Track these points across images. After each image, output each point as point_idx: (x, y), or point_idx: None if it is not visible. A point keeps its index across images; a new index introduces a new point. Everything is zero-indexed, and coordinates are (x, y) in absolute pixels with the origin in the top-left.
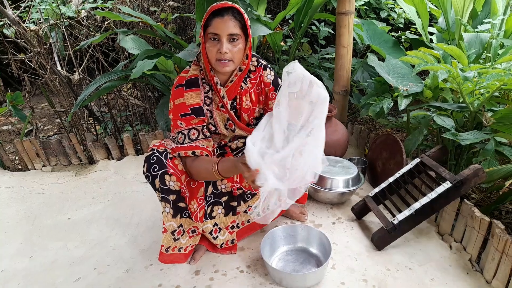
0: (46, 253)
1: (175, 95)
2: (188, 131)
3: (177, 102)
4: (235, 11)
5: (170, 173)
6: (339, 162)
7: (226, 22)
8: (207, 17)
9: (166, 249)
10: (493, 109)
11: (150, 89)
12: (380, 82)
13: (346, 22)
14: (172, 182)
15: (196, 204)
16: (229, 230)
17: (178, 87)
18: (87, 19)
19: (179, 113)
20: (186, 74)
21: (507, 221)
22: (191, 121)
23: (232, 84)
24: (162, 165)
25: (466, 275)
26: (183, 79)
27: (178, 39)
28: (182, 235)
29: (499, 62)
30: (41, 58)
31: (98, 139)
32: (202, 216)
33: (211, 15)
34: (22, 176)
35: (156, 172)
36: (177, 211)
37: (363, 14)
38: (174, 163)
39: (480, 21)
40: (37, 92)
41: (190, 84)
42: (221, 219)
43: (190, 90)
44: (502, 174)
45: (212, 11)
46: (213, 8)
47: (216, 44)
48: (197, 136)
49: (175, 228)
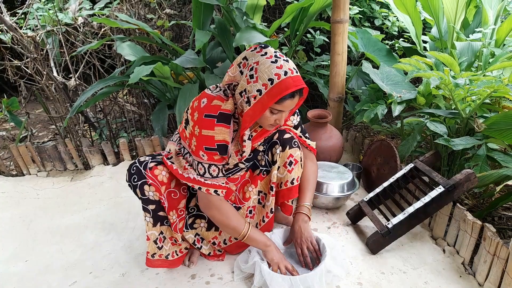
0: (41, 257)
1: (204, 124)
2: (208, 166)
3: (205, 133)
4: (302, 88)
5: (149, 183)
6: (334, 167)
7: (295, 101)
8: (280, 97)
9: (152, 255)
10: (485, 116)
11: (146, 96)
12: (374, 89)
13: (340, 30)
14: (152, 193)
15: (176, 215)
16: (210, 244)
17: (209, 117)
18: (84, 26)
19: (204, 145)
20: (219, 102)
21: (500, 227)
22: (213, 157)
23: (257, 134)
24: (141, 176)
25: (459, 278)
26: (216, 109)
27: (175, 45)
28: (163, 242)
29: (490, 70)
30: (37, 64)
31: (93, 144)
32: (182, 227)
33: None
34: (17, 181)
35: (136, 182)
36: (157, 220)
37: (357, 22)
38: (154, 173)
39: (471, 30)
40: (33, 98)
41: (223, 119)
42: (202, 232)
43: (221, 125)
44: (494, 179)
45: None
46: (289, 90)
47: (276, 113)
48: (217, 173)
49: (156, 237)
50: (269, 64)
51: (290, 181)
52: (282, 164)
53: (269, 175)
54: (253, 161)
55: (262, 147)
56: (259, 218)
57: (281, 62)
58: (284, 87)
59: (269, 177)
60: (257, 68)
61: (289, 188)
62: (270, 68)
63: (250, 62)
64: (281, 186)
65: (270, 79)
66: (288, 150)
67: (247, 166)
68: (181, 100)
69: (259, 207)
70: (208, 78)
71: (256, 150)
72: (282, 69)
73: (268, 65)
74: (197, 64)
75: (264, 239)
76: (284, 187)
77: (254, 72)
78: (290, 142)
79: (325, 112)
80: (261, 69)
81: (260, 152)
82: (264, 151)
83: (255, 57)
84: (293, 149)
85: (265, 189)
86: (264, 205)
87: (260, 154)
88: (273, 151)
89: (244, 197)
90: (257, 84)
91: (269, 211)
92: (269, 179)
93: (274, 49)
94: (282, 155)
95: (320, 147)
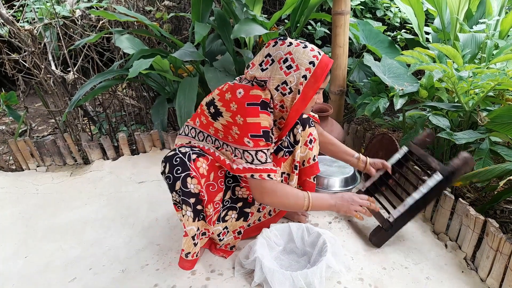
0: (41, 254)
1: (248, 113)
2: (255, 152)
3: (250, 121)
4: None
5: (192, 176)
6: (335, 161)
7: (329, 76)
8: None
9: (186, 255)
10: (488, 109)
11: (145, 89)
12: (376, 81)
13: (342, 22)
14: (193, 185)
15: (212, 208)
16: (235, 234)
17: (252, 105)
18: (81, 19)
19: (249, 132)
20: (259, 91)
21: (502, 220)
22: (259, 143)
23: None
24: (185, 168)
25: (461, 274)
26: (258, 97)
27: (174, 38)
28: (198, 239)
29: (494, 62)
30: (35, 57)
31: (93, 139)
32: (215, 220)
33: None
34: (16, 177)
35: (179, 174)
36: (196, 214)
37: (359, 14)
38: (196, 165)
39: (475, 22)
40: (31, 92)
41: (264, 106)
42: (231, 223)
43: (265, 112)
44: (497, 173)
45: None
46: (328, 67)
47: (318, 93)
48: (265, 159)
49: (195, 233)
50: (303, 50)
51: (312, 158)
52: (304, 143)
53: (292, 155)
54: (277, 145)
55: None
56: None
57: (309, 46)
58: (325, 65)
59: (292, 157)
60: (292, 57)
61: (312, 165)
62: (306, 53)
63: (279, 55)
64: (304, 164)
65: (311, 62)
66: (308, 129)
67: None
68: (181, 93)
69: None
70: (208, 71)
71: None
72: (315, 51)
73: (303, 51)
74: (196, 58)
75: (326, 204)
76: (307, 164)
77: (291, 62)
78: (308, 121)
79: (326, 106)
80: (297, 56)
81: None
82: None
83: (283, 50)
84: (311, 128)
85: (288, 169)
86: (288, 185)
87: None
88: (295, 131)
89: None
90: (299, 71)
91: None
92: (292, 159)
93: None
94: (303, 134)
95: None
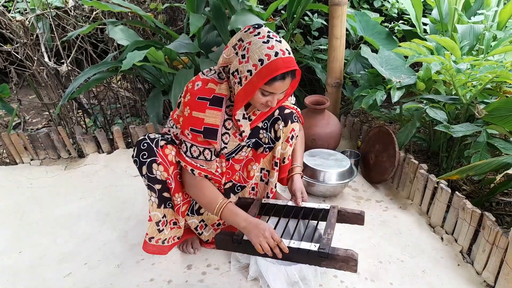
0: (35, 248)
1: (196, 107)
2: (190, 145)
3: (195, 115)
4: (295, 71)
5: (158, 162)
6: (331, 155)
7: (286, 84)
8: (269, 79)
9: (150, 239)
10: (486, 101)
11: (140, 81)
12: (373, 74)
13: (339, 13)
14: (159, 172)
15: (181, 198)
16: (214, 227)
17: (202, 100)
18: (74, 9)
19: (190, 126)
20: (213, 85)
21: (498, 212)
22: (197, 138)
23: (257, 117)
24: (152, 153)
25: (457, 267)
26: (211, 92)
27: (169, 29)
28: (165, 226)
29: (492, 54)
30: (28, 49)
31: (87, 132)
32: (184, 210)
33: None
34: (10, 170)
35: (145, 159)
36: (161, 201)
37: (356, 4)
38: (165, 152)
39: (473, 13)
40: (25, 84)
41: (216, 102)
42: (208, 216)
43: (214, 108)
44: (494, 167)
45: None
46: (278, 71)
47: (267, 96)
48: (197, 155)
49: (159, 219)
50: (261, 44)
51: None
52: (285, 139)
53: (272, 152)
54: (255, 139)
55: (262, 123)
56: (263, 194)
57: (272, 43)
58: (274, 68)
59: (272, 154)
60: (249, 48)
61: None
62: (261, 49)
63: (244, 43)
64: (284, 161)
65: (260, 60)
66: (290, 125)
67: (248, 143)
68: (176, 86)
69: (261, 185)
70: (203, 63)
71: (256, 126)
72: (273, 50)
73: (260, 45)
74: (192, 49)
75: (237, 223)
76: (287, 161)
77: (246, 52)
78: (291, 116)
79: (322, 98)
80: (252, 49)
81: (260, 129)
82: (266, 128)
83: (248, 38)
84: (294, 124)
85: (268, 166)
86: (268, 182)
87: (262, 131)
88: (276, 127)
89: (249, 175)
90: (248, 65)
91: (273, 187)
92: (272, 155)
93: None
94: (285, 130)
95: (318, 134)
